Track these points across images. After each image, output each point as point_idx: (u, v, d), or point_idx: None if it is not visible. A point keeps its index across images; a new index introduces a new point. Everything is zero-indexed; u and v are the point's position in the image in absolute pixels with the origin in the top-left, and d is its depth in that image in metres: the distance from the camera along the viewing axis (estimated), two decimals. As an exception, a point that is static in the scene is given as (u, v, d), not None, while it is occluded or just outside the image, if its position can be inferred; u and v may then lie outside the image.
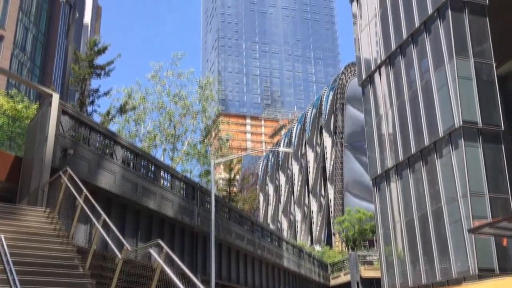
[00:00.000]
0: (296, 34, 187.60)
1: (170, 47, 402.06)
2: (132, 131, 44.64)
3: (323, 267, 57.74)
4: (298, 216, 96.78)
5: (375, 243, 57.36)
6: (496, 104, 30.14)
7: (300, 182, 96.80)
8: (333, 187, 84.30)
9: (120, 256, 9.86)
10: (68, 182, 12.87)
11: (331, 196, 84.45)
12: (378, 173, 37.23)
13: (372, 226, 62.11)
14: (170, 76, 46.74)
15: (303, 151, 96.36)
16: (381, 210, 37.05)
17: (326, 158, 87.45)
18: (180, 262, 8.49)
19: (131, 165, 20.34)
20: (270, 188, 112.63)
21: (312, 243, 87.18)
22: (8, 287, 7.96)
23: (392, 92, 36.28)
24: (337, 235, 77.62)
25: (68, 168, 13.60)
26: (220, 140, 53.67)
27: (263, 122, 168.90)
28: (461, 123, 28.95)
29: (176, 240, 23.55)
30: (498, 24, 32.05)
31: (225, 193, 58.35)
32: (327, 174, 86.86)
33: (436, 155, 31.19)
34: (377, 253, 42.70)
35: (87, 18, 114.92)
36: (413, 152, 33.08)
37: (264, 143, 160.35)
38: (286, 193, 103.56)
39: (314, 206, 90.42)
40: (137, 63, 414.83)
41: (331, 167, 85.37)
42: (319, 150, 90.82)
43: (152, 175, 21.91)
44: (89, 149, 17.56)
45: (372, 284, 50.13)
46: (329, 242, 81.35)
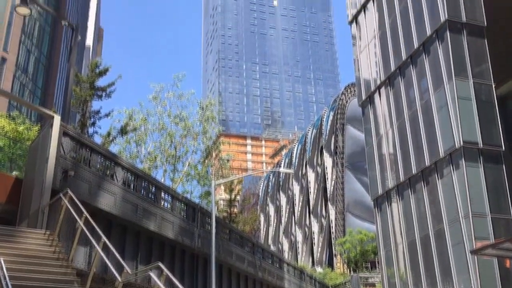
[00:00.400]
0: (296, 55, 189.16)
1: (171, 68, 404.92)
2: (133, 152, 44.66)
3: (325, 289, 57.07)
4: (299, 237, 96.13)
5: (377, 265, 56.83)
6: (496, 124, 30.21)
7: (301, 203, 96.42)
8: (334, 208, 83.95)
9: (120, 279, 9.77)
10: (69, 204, 12.83)
11: (332, 217, 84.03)
12: (379, 194, 37.11)
13: (374, 248, 61.63)
14: (171, 97, 46.96)
15: (304, 172, 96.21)
16: (383, 231, 36.82)
17: (327, 179, 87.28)
18: (181, 285, 8.42)
19: (132, 187, 20.28)
20: (271, 209, 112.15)
21: (314, 265, 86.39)
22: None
23: (392, 112, 36.40)
24: (339, 257, 77.01)
25: (69, 190, 13.56)
26: (221, 161, 53.64)
27: (264, 143, 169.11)
28: (462, 143, 28.97)
29: (177, 262, 23.35)
30: (499, 45, 32.34)
31: (226, 214, 58.09)
32: (328, 195, 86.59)
33: (437, 175, 31.13)
34: (379, 275, 42.28)
35: (89, 40, 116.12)
36: (414, 173, 33.03)
37: (265, 164, 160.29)
38: (287, 214, 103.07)
39: (315, 227, 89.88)
40: (138, 84, 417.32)
41: (332, 188, 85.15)
42: (320, 171, 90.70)
43: (153, 196, 21.84)
44: (90, 171, 17.54)
45: (375, 306, 49.53)
46: (331, 264, 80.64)
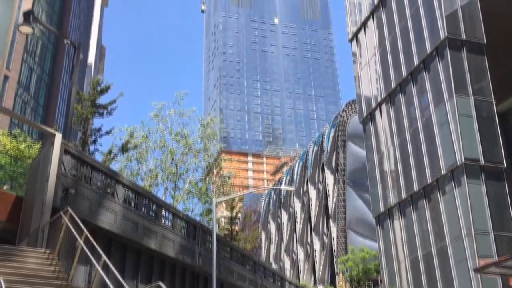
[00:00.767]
0: (297, 72, 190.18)
1: (173, 85, 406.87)
2: (134, 170, 44.59)
3: (327, 308, 56.41)
4: (301, 255, 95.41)
5: (380, 283, 56.28)
6: (498, 141, 30.19)
7: (303, 220, 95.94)
8: (336, 225, 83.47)
9: (120, 299, 9.67)
10: (69, 222, 12.76)
11: (334, 235, 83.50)
12: (381, 211, 36.93)
13: (377, 266, 61.09)
14: (173, 115, 47.06)
15: (305, 189, 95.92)
16: (385, 249, 36.55)
17: (328, 196, 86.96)
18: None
19: (132, 204, 20.20)
20: (272, 226, 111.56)
21: (316, 283, 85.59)
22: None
23: (393, 129, 36.41)
24: (341, 275, 76.28)
25: (69, 208, 13.51)
26: (222, 178, 53.49)
27: (265, 160, 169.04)
28: (463, 160, 28.91)
29: (177, 281, 23.14)
30: (499, 62, 32.49)
31: (227, 232, 57.75)
32: (330, 212, 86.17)
33: (439, 193, 31.00)
34: (382, 293, 41.81)
35: (91, 58, 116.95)
36: (416, 190, 32.90)
37: (266, 181, 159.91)
38: (289, 231, 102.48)
39: (317, 245, 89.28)
40: (139, 101, 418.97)
41: (334, 205, 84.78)
42: (321, 188, 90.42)
43: (153, 214, 21.73)
44: (91, 188, 17.50)
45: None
46: (333, 282, 79.88)
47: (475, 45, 31.73)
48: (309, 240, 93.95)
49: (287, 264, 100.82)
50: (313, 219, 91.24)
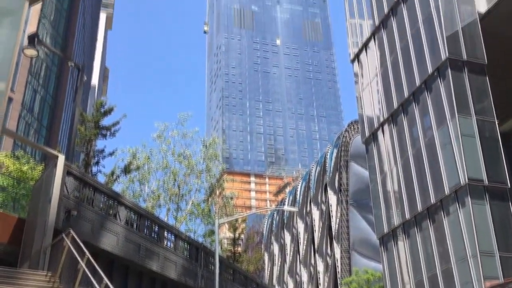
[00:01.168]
0: (299, 93, 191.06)
1: (176, 106, 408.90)
2: (136, 191, 44.53)
3: (331, 331, 55.60)
4: (305, 277, 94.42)
5: (384, 305, 55.50)
6: (501, 161, 30.09)
7: (306, 241, 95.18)
8: (340, 246, 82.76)
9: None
10: (71, 245, 12.71)
11: (338, 256, 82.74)
12: (385, 232, 36.65)
13: None
14: (175, 136, 47.20)
15: (308, 209, 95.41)
16: (390, 271, 36.15)
17: (332, 216, 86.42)
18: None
19: (135, 226, 20.13)
20: (275, 248, 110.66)
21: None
22: None
23: (396, 150, 36.36)
24: (345, 297, 75.32)
25: (71, 230, 13.47)
26: (225, 199, 53.34)
27: (268, 180, 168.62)
28: (467, 181, 28.78)
29: (179, 304, 22.89)
30: (501, 82, 32.61)
31: (230, 254, 57.34)
32: (333, 233, 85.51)
33: (443, 213, 30.79)
34: (387, 316, 41.19)
35: (95, 79, 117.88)
36: (420, 210, 32.69)
37: (269, 201, 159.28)
38: (292, 253, 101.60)
39: (321, 266, 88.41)
40: (143, 122, 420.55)
41: (337, 226, 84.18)
42: (324, 208, 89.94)
43: (156, 236, 21.64)
44: (93, 210, 17.47)
45: None
46: (337, 304, 78.83)
47: (476, 66, 31.86)
48: (313, 262, 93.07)
49: (291, 286, 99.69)
50: (317, 240, 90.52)
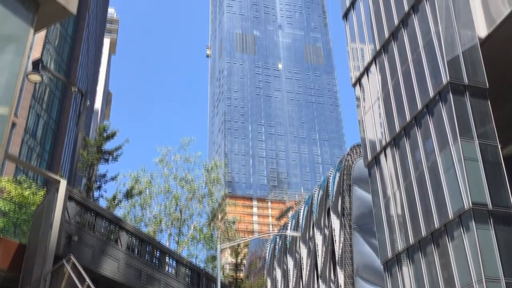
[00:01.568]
0: (301, 117, 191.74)
1: (178, 131, 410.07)
2: (138, 216, 44.36)
3: None
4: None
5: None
6: (504, 185, 29.90)
7: (309, 267, 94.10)
8: (343, 272, 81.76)
9: None
10: (71, 271, 12.57)
11: (341, 281, 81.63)
12: (389, 257, 36.25)
13: (385, 313, 59.42)
14: (178, 160, 47.24)
15: (311, 234, 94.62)
16: (394, 296, 35.62)
17: (335, 241, 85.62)
18: None
19: (136, 251, 19.96)
20: (278, 273, 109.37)
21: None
22: None
23: (399, 173, 36.23)
24: (349, 323, 74.11)
25: (72, 256, 13.35)
26: (227, 223, 53.04)
27: (270, 204, 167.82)
28: (471, 205, 28.56)
29: (181, 331, 22.52)
30: (503, 105, 32.68)
31: (232, 279, 56.69)
32: (337, 258, 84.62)
33: (448, 238, 30.48)
34: None
35: (98, 104, 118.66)
36: (424, 235, 32.38)
37: (271, 225, 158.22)
38: (295, 278, 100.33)
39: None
40: (145, 146, 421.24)
41: (340, 250, 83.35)
42: (327, 233, 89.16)
43: (157, 261, 21.44)
44: (94, 235, 17.34)
45: None
46: (341, 331, 77.47)
47: (478, 90, 31.95)
48: (316, 287, 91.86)
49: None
50: (320, 265, 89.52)
